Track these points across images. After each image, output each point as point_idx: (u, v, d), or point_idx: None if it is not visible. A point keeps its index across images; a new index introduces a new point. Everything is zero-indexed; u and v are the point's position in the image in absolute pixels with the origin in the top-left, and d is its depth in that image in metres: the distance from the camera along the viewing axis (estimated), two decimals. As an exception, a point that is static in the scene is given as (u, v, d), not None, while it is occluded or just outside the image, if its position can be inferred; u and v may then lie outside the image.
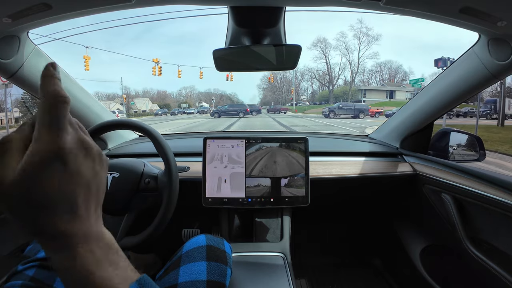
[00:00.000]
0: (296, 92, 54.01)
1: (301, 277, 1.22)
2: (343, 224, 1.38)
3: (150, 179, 0.71)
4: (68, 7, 0.56)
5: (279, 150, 0.84)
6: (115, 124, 0.73)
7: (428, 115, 0.93)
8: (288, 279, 0.68)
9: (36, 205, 0.19)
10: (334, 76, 49.77)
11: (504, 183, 0.65)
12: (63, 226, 0.20)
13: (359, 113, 19.25)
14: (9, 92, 15.76)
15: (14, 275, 0.48)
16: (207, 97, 62.23)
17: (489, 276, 0.69)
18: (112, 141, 1.10)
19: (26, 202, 0.19)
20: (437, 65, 10.71)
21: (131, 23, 41.19)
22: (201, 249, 0.55)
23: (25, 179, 0.18)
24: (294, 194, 0.83)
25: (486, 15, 0.53)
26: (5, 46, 0.64)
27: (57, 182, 0.19)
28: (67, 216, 0.20)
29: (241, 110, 19.27)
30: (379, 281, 1.21)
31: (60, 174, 0.19)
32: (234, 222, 0.93)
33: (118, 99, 42.78)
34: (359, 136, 1.28)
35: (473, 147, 0.93)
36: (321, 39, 51.19)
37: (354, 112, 19.35)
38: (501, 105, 11.42)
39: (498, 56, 0.65)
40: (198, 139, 0.91)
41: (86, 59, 14.29)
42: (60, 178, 0.19)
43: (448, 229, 0.83)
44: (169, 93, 63.39)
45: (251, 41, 0.71)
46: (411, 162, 1.00)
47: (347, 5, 0.59)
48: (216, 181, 0.82)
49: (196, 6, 0.74)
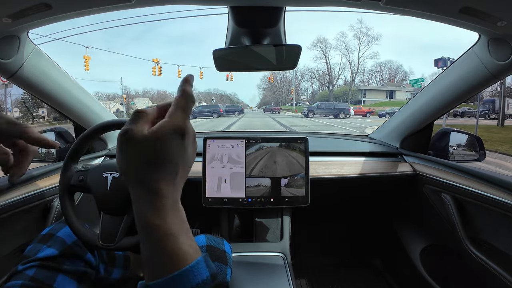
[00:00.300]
0: (296, 92, 54.02)
1: (301, 277, 1.22)
2: (343, 224, 1.38)
3: None
4: (68, 7, 0.56)
5: (279, 150, 0.84)
6: (115, 124, 0.72)
7: (428, 115, 0.93)
8: (288, 279, 0.68)
9: (151, 159, 0.24)
10: (334, 76, 49.80)
11: (504, 183, 0.65)
12: (163, 184, 0.24)
13: (339, 112, 19.48)
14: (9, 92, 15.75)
15: (14, 275, 0.48)
16: (207, 97, 62.26)
17: (489, 276, 0.69)
18: (112, 141, 1.10)
19: (147, 155, 0.24)
20: (437, 65, 10.71)
21: (131, 23, 41.14)
22: (201, 249, 0.55)
23: (153, 138, 0.24)
24: (294, 194, 0.83)
25: (486, 15, 0.53)
26: (5, 46, 0.64)
27: (173, 148, 0.25)
28: (169, 177, 0.25)
29: (214, 111, 20.41)
30: (379, 281, 1.21)
31: (176, 143, 0.25)
32: (234, 222, 0.93)
33: (118, 99, 42.77)
34: (359, 136, 1.28)
35: (473, 147, 0.93)
36: (321, 39, 51.24)
37: (334, 112, 19.54)
38: (500, 105, 11.41)
39: (498, 56, 0.65)
40: (198, 139, 0.91)
41: (86, 59, 14.30)
42: (176, 146, 0.25)
43: (448, 229, 0.83)
44: (169, 93, 63.40)
45: (251, 41, 0.71)
46: (411, 162, 1.00)
47: (347, 5, 0.59)
48: (216, 181, 0.82)
49: (196, 6, 0.74)
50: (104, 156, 1.01)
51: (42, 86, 0.76)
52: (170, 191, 0.25)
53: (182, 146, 0.26)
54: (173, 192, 0.25)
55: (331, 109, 19.98)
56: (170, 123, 0.25)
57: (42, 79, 0.75)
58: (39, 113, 24.15)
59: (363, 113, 22.24)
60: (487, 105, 16.61)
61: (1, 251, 0.65)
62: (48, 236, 0.55)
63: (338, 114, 19.36)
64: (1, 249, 0.65)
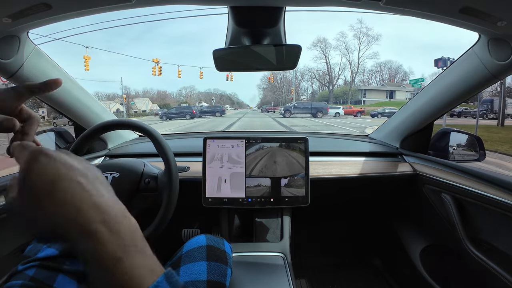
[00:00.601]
0: (296, 92, 54.03)
1: (301, 277, 1.22)
2: (343, 224, 1.38)
3: (150, 179, 0.71)
4: (68, 7, 0.56)
5: (279, 150, 0.84)
6: (115, 124, 0.73)
7: (428, 115, 0.93)
8: (288, 279, 0.68)
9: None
10: (334, 76, 49.81)
11: (504, 183, 0.65)
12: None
13: (316, 112, 19.70)
14: (9, 92, 15.69)
15: (14, 275, 0.48)
16: (207, 97, 62.27)
17: (489, 276, 0.69)
18: (112, 141, 1.10)
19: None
20: (437, 65, 10.70)
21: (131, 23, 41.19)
22: (201, 249, 0.55)
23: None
24: (294, 194, 0.83)
25: (486, 15, 0.53)
26: (5, 46, 0.64)
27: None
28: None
29: (187, 112, 20.66)
30: (379, 281, 1.21)
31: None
32: (234, 222, 0.93)
33: (118, 99, 42.79)
34: (359, 136, 1.28)
35: (473, 147, 0.93)
36: (321, 39, 51.29)
37: (312, 111, 19.84)
38: (500, 105, 11.41)
39: (498, 56, 0.65)
40: (198, 139, 0.91)
41: (86, 59, 14.29)
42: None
43: (448, 229, 0.83)
44: (169, 93, 63.49)
45: (251, 41, 0.71)
46: (411, 162, 1.00)
47: (347, 5, 0.59)
48: (216, 181, 0.82)
49: (196, 6, 0.74)
50: (104, 156, 1.01)
51: (42, 86, 0.75)
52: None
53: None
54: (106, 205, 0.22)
55: (308, 108, 20.22)
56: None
57: (42, 79, 0.75)
58: (39, 113, 24.16)
59: (354, 112, 22.54)
60: (485, 105, 16.57)
61: (1, 251, 0.65)
62: None
63: (316, 113, 19.58)
64: (1, 249, 0.65)
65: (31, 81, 0.72)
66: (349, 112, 22.68)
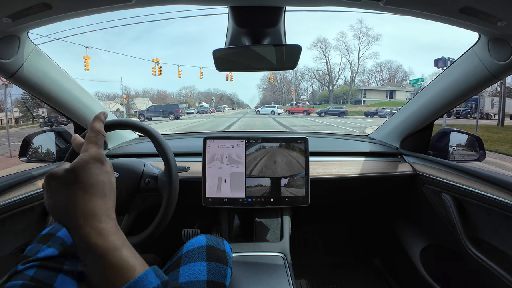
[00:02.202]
0: (296, 92, 54.03)
1: (301, 277, 1.22)
2: (343, 224, 1.38)
3: (150, 179, 0.71)
4: (68, 7, 0.55)
5: (279, 150, 0.84)
6: (115, 124, 0.72)
7: (428, 115, 0.93)
8: (288, 279, 0.68)
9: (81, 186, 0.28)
10: (334, 76, 49.81)
11: (504, 183, 0.65)
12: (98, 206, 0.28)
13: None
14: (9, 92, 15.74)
15: (14, 275, 0.48)
16: (207, 97, 62.27)
17: (489, 276, 0.69)
18: (112, 141, 1.10)
19: (71, 183, 0.28)
20: (437, 65, 10.69)
21: (131, 23, 41.22)
22: (201, 249, 0.55)
23: (77, 168, 0.29)
24: (294, 194, 0.83)
25: (486, 15, 0.53)
26: (5, 46, 0.64)
27: (97, 173, 0.30)
28: (100, 200, 0.29)
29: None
30: (379, 281, 1.21)
31: (99, 169, 0.30)
32: (234, 222, 0.93)
33: (118, 99, 42.78)
34: (359, 136, 1.28)
35: (473, 147, 0.93)
36: (321, 39, 51.28)
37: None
38: (500, 105, 11.40)
39: (498, 56, 0.65)
40: (198, 139, 0.91)
41: (86, 59, 14.29)
42: (99, 171, 0.30)
43: (448, 229, 0.83)
44: (169, 93, 63.48)
45: (251, 41, 0.71)
46: (411, 162, 1.00)
47: (347, 5, 0.59)
48: (216, 181, 0.82)
49: (196, 6, 0.74)
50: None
51: (42, 86, 0.76)
52: (104, 210, 0.29)
53: (104, 171, 0.30)
54: (106, 211, 0.29)
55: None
56: (87, 155, 0.30)
57: (42, 79, 0.75)
58: (39, 113, 24.14)
59: (300, 111, 26.27)
60: (470, 104, 16.25)
61: (1, 251, 0.65)
62: (48, 236, 0.54)
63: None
64: (1, 249, 0.65)
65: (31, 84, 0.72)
66: (295, 110, 26.84)
